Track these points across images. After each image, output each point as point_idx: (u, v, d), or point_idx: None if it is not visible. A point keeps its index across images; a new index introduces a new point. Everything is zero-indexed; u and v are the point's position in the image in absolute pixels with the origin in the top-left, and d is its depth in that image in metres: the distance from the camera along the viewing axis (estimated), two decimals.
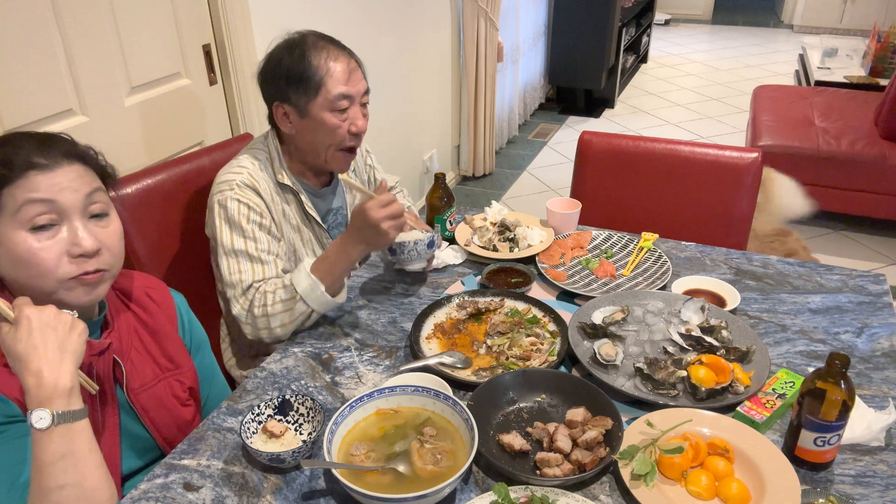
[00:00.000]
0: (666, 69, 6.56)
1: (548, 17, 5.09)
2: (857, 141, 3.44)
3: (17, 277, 0.99)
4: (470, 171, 4.21)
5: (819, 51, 5.21)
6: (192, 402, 1.25)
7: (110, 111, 1.76)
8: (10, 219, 0.95)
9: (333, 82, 1.42)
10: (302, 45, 1.43)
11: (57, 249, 0.97)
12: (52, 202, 0.97)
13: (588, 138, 2.14)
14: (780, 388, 1.20)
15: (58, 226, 0.98)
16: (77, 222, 0.99)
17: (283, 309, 1.37)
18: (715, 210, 2.02)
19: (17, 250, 0.96)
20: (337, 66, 1.42)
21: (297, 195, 1.54)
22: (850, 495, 1.02)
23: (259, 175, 1.47)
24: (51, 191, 0.96)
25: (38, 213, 0.96)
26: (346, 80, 1.43)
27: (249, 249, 1.42)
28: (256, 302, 1.39)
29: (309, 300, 1.37)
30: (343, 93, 1.43)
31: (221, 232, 1.43)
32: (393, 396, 1.14)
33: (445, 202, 1.76)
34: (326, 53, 1.42)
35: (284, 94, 1.44)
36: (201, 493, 1.05)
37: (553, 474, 1.03)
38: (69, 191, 0.98)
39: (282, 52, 1.44)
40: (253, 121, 2.20)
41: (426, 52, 3.46)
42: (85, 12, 1.64)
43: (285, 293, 1.37)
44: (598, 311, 1.40)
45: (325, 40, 1.45)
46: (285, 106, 1.46)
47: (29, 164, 0.96)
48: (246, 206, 1.43)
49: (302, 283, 1.36)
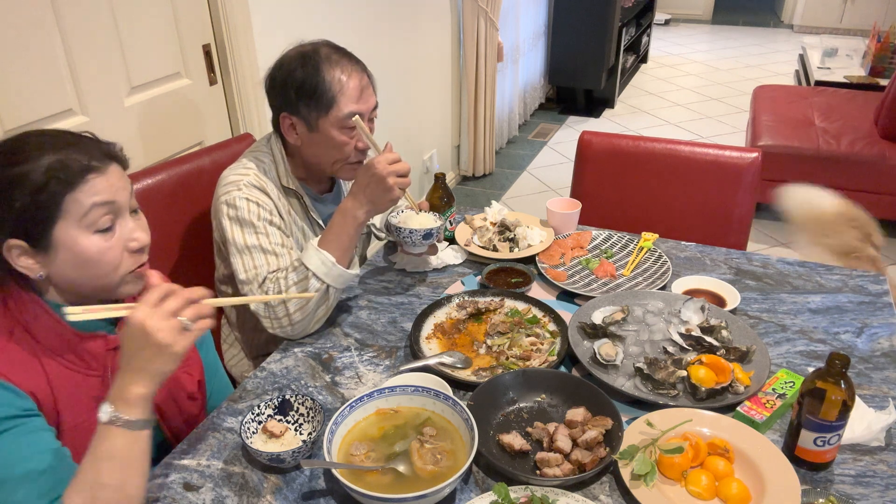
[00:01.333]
0: (666, 69, 6.56)
1: (548, 17, 5.09)
2: (856, 141, 3.44)
3: (78, 278, 1.01)
4: (470, 171, 4.21)
5: (819, 51, 5.21)
6: (200, 396, 1.26)
7: (110, 111, 1.76)
8: (75, 223, 0.97)
9: (345, 100, 1.40)
10: (315, 58, 1.40)
11: (119, 247, 1.01)
12: (113, 203, 1.00)
13: (588, 138, 2.14)
14: (780, 388, 1.20)
15: (114, 225, 1.01)
16: (127, 219, 1.03)
17: (298, 291, 1.34)
18: (715, 210, 2.02)
19: (87, 253, 0.98)
20: (350, 83, 1.40)
21: (300, 198, 1.53)
22: (850, 495, 1.02)
23: (264, 177, 1.46)
24: (110, 192, 0.99)
25: (103, 215, 0.99)
26: (358, 98, 1.41)
27: (263, 244, 1.39)
28: (271, 290, 1.36)
29: (321, 275, 1.34)
30: (354, 111, 1.40)
31: (232, 231, 1.40)
32: (393, 396, 1.14)
33: (445, 202, 1.76)
34: (340, 69, 1.40)
35: (294, 107, 1.42)
36: (201, 493, 1.05)
37: (553, 474, 1.03)
38: (121, 190, 1.01)
39: (294, 63, 1.41)
40: (253, 121, 2.20)
41: (426, 52, 3.46)
42: (85, 12, 1.64)
43: (297, 275, 1.35)
44: (598, 311, 1.40)
45: (338, 53, 1.43)
46: (293, 118, 1.43)
47: (87, 168, 0.97)
48: (255, 204, 1.41)
49: (312, 259, 1.34)
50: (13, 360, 0.97)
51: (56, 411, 1.01)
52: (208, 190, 1.51)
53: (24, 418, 0.95)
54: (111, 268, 1.01)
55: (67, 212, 0.96)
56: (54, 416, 1.01)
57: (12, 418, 0.94)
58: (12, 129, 1.53)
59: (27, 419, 0.95)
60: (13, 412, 0.94)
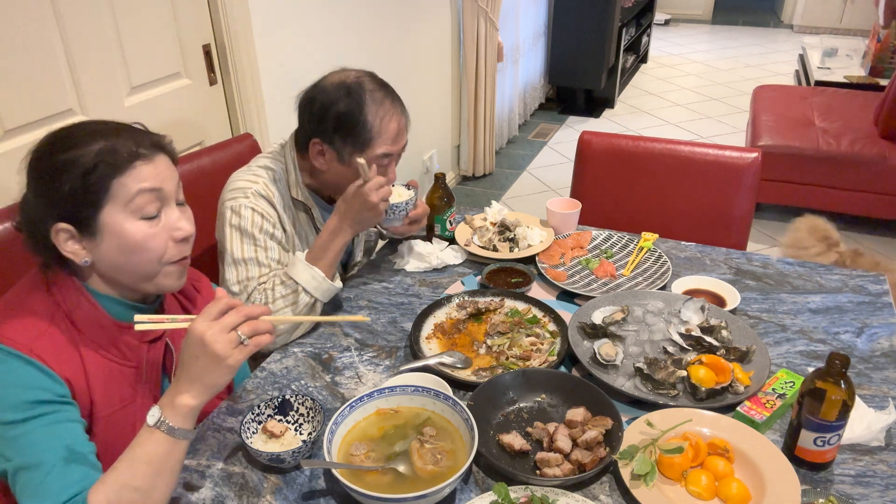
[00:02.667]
0: (666, 69, 6.56)
1: (548, 17, 5.09)
2: (856, 141, 3.44)
3: (123, 265, 1.02)
4: (470, 171, 4.21)
5: (819, 51, 5.21)
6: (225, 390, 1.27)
7: (110, 111, 1.76)
8: (122, 208, 0.99)
9: (382, 142, 1.42)
10: (360, 92, 1.40)
11: (164, 235, 1.03)
12: (160, 190, 1.02)
13: (588, 138, 2.14)
14: (780, 387, 1.20)
15: (160, 213, 1.03)
16: (174, 208, 1.05)
17: (285, 304, 1.37)
18: (715, 210, 2.02)
19: (133, 238, 1.00)
20: (391, 125, 1.42)
21: (308, 210, 1.53)
22: (850, 495, 1.02)
23: (273, 187, 1.46)
24: (157, 179, 1.01)
25: (150, 202, 1.01)
26: (394, 140, 1.43)
27: (259, 257, 1.41)
28: (258, 300, 1.38)
29: (311, 289, 1.37)
30: (387, 152, 1.43)
31: (231, 240, 1.41)
32: (393, 396, 1.14)
33: (445, 202, 1.76)
34: (383, 112, 1.41)
35: (329, 137, 1.42)
36: (201, 493, 1.05)
37: (553, 474, 1.03)
38: (168, 179, 1.03)
39: (338, 93, 1.40)
40: (253, 121, 2.20)
41: (426, 52, 3.46)
42: (85, 12, 1.64)
43: (285, 288, 1.37)
44: (598, 311, 1.40)
45: (382, 91, 1.43)
46: (325, 146, 1.43)
47: (135, 155, 0.99)
48: (260, 216, 1.42)
49: (302, 274, 1.36)
50: (52, 344, 0.99)
51: (91, 401, 1.02)
52: (208, 190, 1.51)
53: (57, 405, 0.96)
54: (156, 255, 1.03)
55: (115, 196, 0.98)
56: (88, 405, 1.02)
57: (46, 403, 0.95)
58: (12, 129, 1.53)
59: (60, 406, 0.96)
60: (48, 397, 0.95)
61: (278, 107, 2.27)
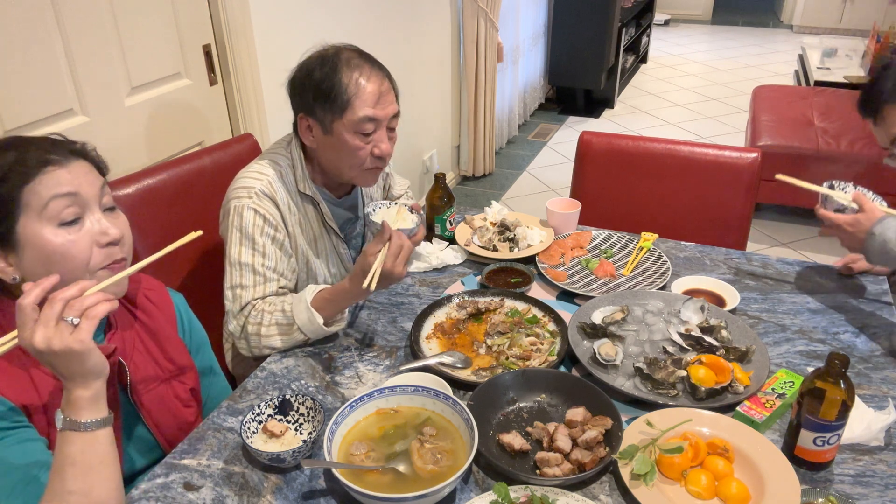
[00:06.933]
0: (666, 69, 6.56)
1: (548, 17, 5.09)
2: (856, 141, 3.44)
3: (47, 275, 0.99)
4: (470, 171, 4.21)
5: (819, 51, 5.22)
6: (194, 402, 1.25)
7: (110, 111, 1.76)
8: (36, 216, 0.96)
9: (360, 104, 1.37)
10: (335, 59, 1.38)
11: (86, 241, 1.00)
12: (76, 195, 0.98)
13: (588, 138, 2.14)
14: (780, 387, 1.20)
15: (81, 219, 1.00)
16: (97, 214, 1.02)
17: (278, 333, 1.37)
18: (715, 210, 2.03)
19: (50, 247, 0.97)
20: (367, 87, 1.38)
21: (316, 205, 1.52)
22: (849, 495, 1.02)
23: (278, 184, 1.45)
24: (72, 184, 0.98)
25: (65, 207, 0.98)
26: (375, 103, 1.39)
27: (256, 264, 1.41)
28: (252, 319, 1.38)
29: (306, 330, 1.36)
30: (369, 116, 1.38)
31: (232, 240, 1.41)
32: (393, 396, 1.14)
33: (445, 202, 1.76)
34: (359, 73, 1.38)
35: (310, 108, 1.41)
36: (201, 493, 1.05)
37: (553, 474, 1.03)
38: (87, 184, 1.00)
39: (314, 64, 1.40)
40: (253, 121, 2.20)
41: (426, 53, 3.46)
42: (85, 12, 1.64)
43: (283, 318, 1.36)
44: (598, 310, 1.40)
45: (360, 58, 1.41)
46: (310, 119, 1.42)
47: (45, 161, 0.97)
48: (262, 218, 1.41)
49: (301, 315, 1.35)
50: (2, 371, 0.97)
51: (47, 420, 1.01)
52: (209, 190, 1.51)
53: (14, 430, 0.95)
54: (80, 262, 0.99)
55: (27, 205, 0.96)
56: (45, 426, 1.01)
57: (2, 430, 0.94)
58: (12, 130, 1.53)
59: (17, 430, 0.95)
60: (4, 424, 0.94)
61: (278, 107, 2.27)
